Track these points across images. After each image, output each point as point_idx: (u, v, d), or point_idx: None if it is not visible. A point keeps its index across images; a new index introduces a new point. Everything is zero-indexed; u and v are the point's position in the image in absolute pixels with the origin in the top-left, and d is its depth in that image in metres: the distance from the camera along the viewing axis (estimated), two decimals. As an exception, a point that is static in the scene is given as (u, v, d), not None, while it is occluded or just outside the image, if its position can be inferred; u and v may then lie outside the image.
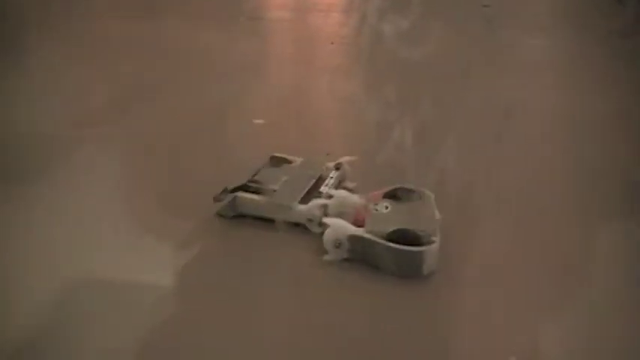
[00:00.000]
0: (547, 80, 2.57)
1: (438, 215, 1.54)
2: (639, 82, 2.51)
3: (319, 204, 1.60)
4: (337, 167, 1.73)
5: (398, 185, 1.61)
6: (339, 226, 1.51)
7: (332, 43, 2.88)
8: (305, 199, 1.63)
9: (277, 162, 1.79)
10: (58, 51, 2.60)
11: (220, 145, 2.01)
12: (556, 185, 1.82)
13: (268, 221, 1.63)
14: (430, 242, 1.46)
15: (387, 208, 1.56)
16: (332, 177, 1.71)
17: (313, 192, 1.66)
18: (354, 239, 1.49)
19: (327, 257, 1.52)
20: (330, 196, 1.62)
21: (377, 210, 1.55)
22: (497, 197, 1.74)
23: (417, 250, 1.45)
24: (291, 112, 2.22)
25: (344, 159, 1.75)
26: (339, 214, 1.56)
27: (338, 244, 1.50)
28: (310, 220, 1.59)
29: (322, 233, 1.53)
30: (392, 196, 1.59)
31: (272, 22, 3.21)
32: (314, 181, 1.70)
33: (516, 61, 2.73)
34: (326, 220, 1.54)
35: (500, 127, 2.10)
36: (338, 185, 1.70)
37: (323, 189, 1.66)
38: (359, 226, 1.51)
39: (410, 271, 1.46)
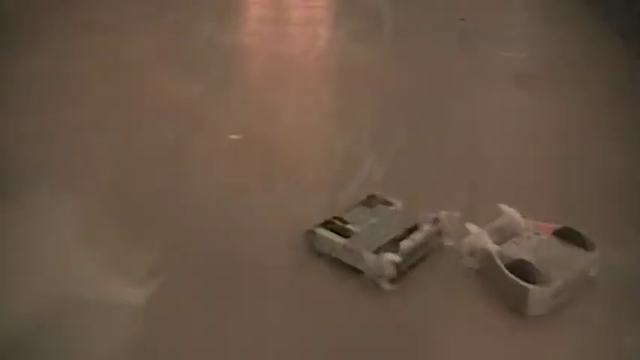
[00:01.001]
0: (523, 93, 2.51)
1: (592, 272, 1.48)
2: (618, 78, 2.55)
3: (390, 260, 1.47)
4: (435, 220, 1.61)
5: (568, 226, 1.56)
6: (478, 237, 1.49)
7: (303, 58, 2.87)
8: (385, 248, 1.51)
9: (374, 202, 1.70)
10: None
11: (198, 160, 2.01)
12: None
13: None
14: (543, 283, 1.38)
15: (543, 241, 1.52)
16: (425, 230, 1.58)
17: (399, 242, 1.54)
18: (483, 253, 1.48)
19: (465, 262, 1.51)
20: (405, 254, 1.51)
21: (529, 238, 1.53)
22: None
23: (522, 285, 1.38)
24: (267, 128, 2.20)
25: (442, 213, 1.62)
26: (501, 231, 1.54)
27: (472, 253, 1.49)
28: (380, 277, 1.48)
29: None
30: (563, 235, 1.54)
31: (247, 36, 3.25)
32: (404, 229, 1.57)
33: (493, 74, 2.69)
34: (469, 226, 1.52)
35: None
36: (431, 240, 1.58)
37: (404, 243, 1.53)
38: None
39: (516, 305, 1.40)
